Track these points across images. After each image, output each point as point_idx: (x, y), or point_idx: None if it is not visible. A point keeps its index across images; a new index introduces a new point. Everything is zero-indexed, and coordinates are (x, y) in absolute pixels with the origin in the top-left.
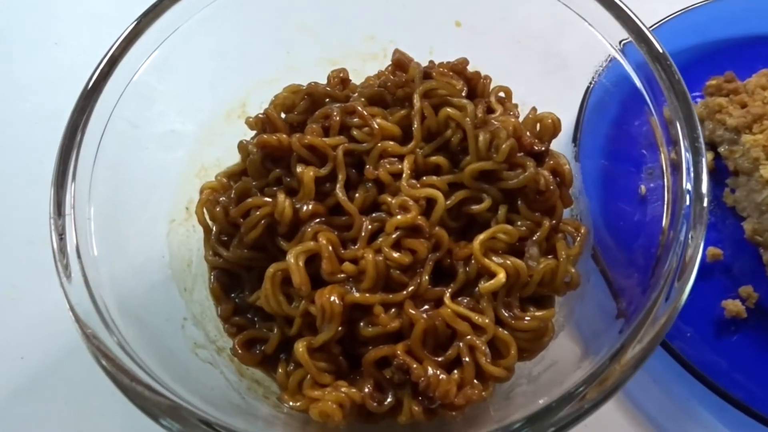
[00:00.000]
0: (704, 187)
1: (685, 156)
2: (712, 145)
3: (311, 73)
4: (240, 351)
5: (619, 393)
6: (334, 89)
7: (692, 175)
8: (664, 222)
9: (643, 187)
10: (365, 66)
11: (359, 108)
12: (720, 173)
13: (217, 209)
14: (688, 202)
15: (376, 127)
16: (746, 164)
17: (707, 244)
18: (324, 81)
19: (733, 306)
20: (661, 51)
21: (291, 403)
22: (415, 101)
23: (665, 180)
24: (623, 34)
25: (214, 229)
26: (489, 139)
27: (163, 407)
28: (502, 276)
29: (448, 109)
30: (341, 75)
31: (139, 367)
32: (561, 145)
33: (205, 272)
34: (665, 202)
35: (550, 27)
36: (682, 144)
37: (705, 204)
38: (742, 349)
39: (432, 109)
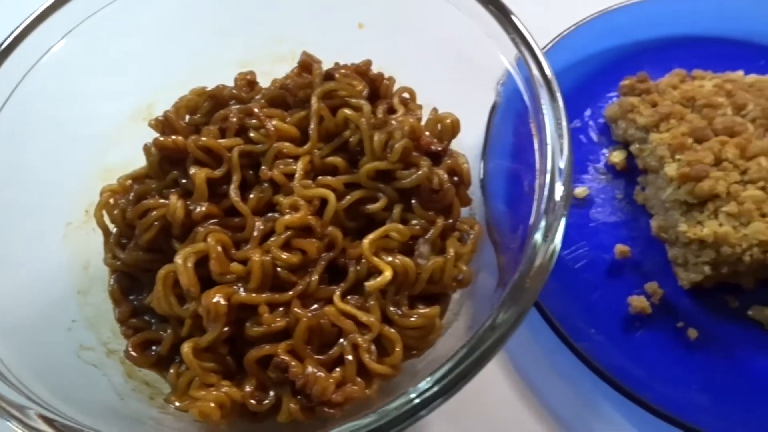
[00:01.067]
0: (564, 163)
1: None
2: (625, 144)
3: (221, 75)
4: (134, 353)
5: (526, 389)
6: (240, 91)
7: (553, 152)
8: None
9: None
10: (275, 68)
11: (256, 109)
12: (632, 172)
13: (116, 212)
14: (548, 180)
15: (272, 128)
16: (653, 162)
17: (617, 241)
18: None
19: (637, 302)
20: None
21: (177, 404)
22: (313, 103)
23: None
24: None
25: (114, 232)
26: (384, 140)
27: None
28: (388, 274)
29: (346, 110)
30: (248, 77)
31: None
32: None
33: (104, 275)
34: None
35: (459, 37)
36: (548, 129)
37: (563, 186)
38: (646, 345)
39: (329, 111)
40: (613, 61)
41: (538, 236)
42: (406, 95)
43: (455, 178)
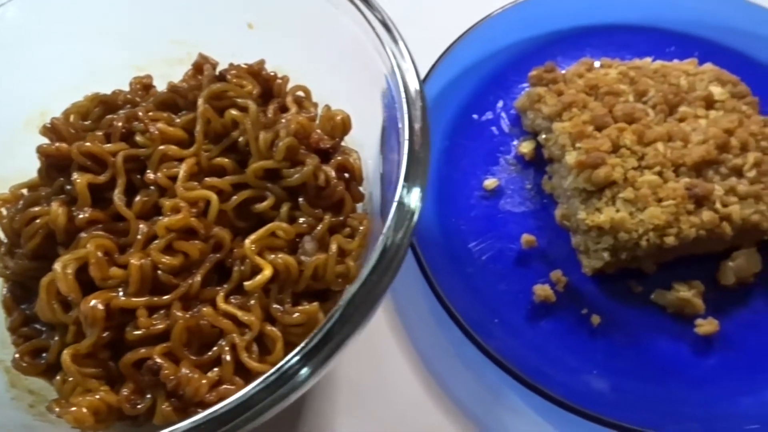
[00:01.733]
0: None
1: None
2: (534, 134)
3: (119, 79)
4: (23, 361)
5: (433, 382)
6: (135, 95)
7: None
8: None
9: None
10: (173, 70)
11: (140, 113)
12: (541, 161)
13: (5, 221)
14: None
15: (156, 132)
16: (557, 151)
17: (524, 231)
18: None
19: (541, 291)
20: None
21: (57, 410)
22: (199, 105)
23: None
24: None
25: (5, 241)
26: (270, 139)
27: None
28: (267, 272)
29: (232, 111)
30: (144, 81)
31: None
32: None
33: None
34: None
35: (344, 35)
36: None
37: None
38: (550, 333)
39: (214, 112)
40: (526, 52)
41: (388, 230)
42: (300, 93)
43: (346, 175)
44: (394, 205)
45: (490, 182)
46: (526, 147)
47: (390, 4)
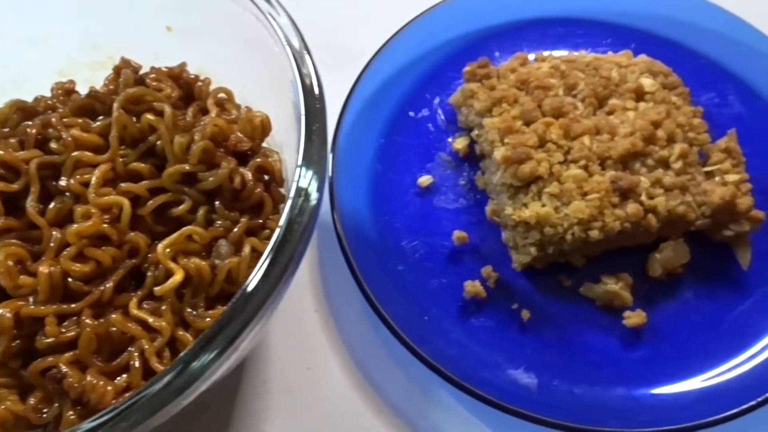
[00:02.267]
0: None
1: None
2: (469, 130)
3: (42, 84)
4: None
5: (363, 381)
6: (57, 101)
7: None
8: None
9: None
10: (96, 75)
11: (53, 120)
12: (475, 157)
13: None
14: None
15: (69, 138)
16: (487, 147)
17: (457, 228)
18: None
19: (471, 287)
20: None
21: None
22: (114, 110)
23: None
24: None
25: None
26: (186, 143)
27: None
28: (178, 277)
29: (148, 115)
30: (66, 86)
31: None
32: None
33: None
34: None
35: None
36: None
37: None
38: (480, 329)
39: (130, 117)
40: (463, 48)
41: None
42: (222, 96)
43: (266, 177)
44: (292, 188)
45: (424, 179)
46: (460, 143)
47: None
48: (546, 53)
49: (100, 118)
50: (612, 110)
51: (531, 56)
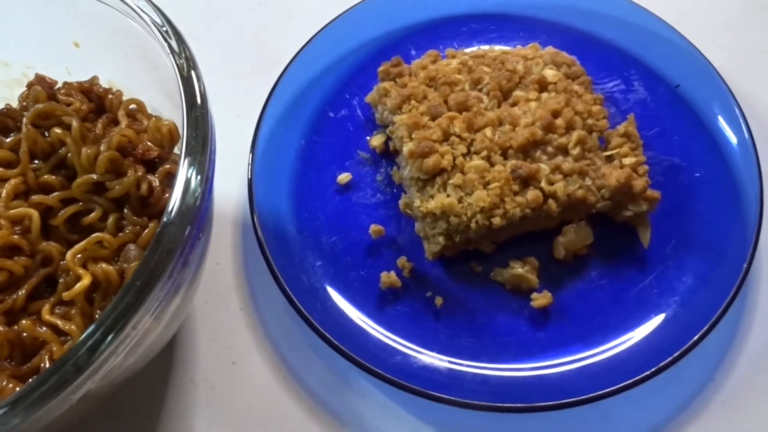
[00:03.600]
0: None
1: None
2: (384, 127)
3: None
4: None
5: (286, 373)
6: None
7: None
8: None
9: None
10: (13, 92)
11: None
12: (391, 153)
13: None
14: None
15: None
16: (398, 143)
17: (371, 221)
18: None
19: (386, 278)
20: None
21: None
22: (23, 125)
23: None
24: None
25: None
26: (93, 154)
27: None
28: (85, 281)
29: (56, 129)
30: None
31: None
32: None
33: None
34: None
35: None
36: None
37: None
38: (397, 317)
39: (38, 132)
40: (381, 48)
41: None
42: (133, 107)
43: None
44: (174, 186)
45: (343, 177)
46: (377, 140)
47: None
48: (455, 50)
49: (13, 134)
50: (516, 102)
51: (444, 53)
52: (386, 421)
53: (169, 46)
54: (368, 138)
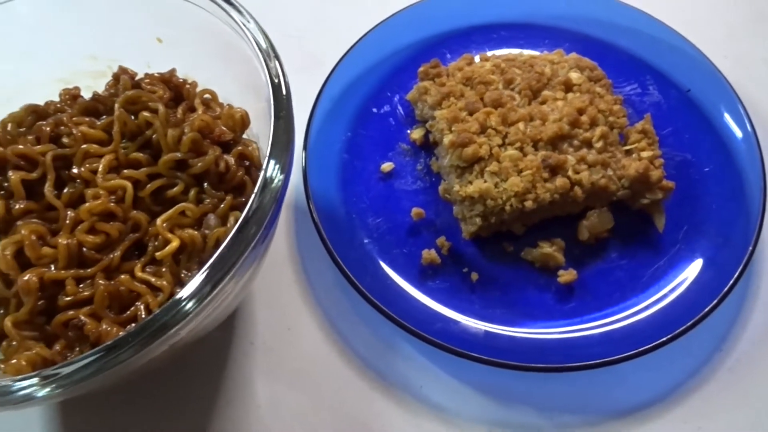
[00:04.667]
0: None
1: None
2: (423, 122)
3: (48, 92)
4: None
5: (336, 338)
6: (64, 105)
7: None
8: None
9: None
10: (96, 82)
11: (65, 119)
12: (429, 145)
13: None
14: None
15: (79, 133)
16: (438, 135)
17: (415, 206)
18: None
19: (427, 255)
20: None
21: (2, 366)
22: (115, 109)
23: None
24: None
25: None
26: (177, 135)
27: None
28: (174, 243)
29: (144, 113)
30: (72, 92)
31: None
32: None
33: None
34: None
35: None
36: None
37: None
38: (437, 290)
39: (129, 115)
40: (419, 51)
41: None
42: (207, 96)
43: (246, 163)
44: (261, 174)
45: (386, 166)
46: (416, 133)
47: (299, 12)
48: (490, 53)
49: (103, 117)
50: (544, 100)
51: (477, 57)
52: (427, 381)
53: (265, 59)
54: (408, 131)
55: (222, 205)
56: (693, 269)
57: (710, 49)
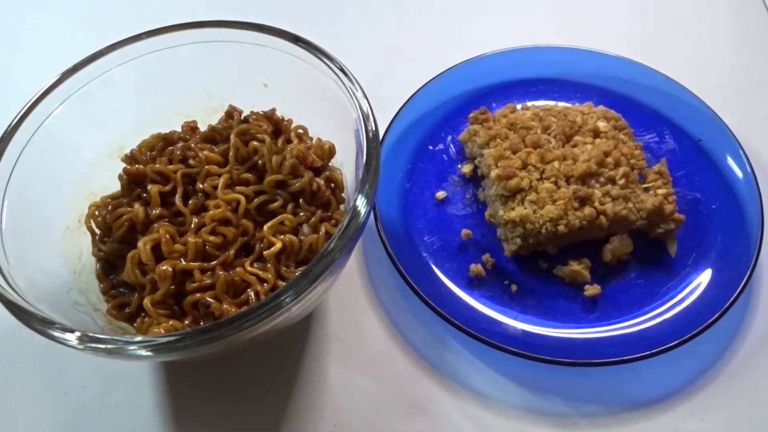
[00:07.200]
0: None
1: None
2: (472, 159)
3: (171, 124)
4: (113, 311)
5: (396, 334)
6: (186, 134)
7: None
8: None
9: None
10: (210, 117)
11: (192, 145)
12: (477, 178)
13: (99, 219)
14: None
15: (203, 156)
16: (486, 169)
17: (463, 227)
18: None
19: (474, 268)
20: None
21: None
22: (231, 138)
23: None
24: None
25: (98, 233)
26: (280, 160)
27: (37, 320)
28: (278, 245)
29: (254, 143)
30: (191, 124)
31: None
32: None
33: (92, 262)
34: None
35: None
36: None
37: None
38: (482, 298)
39: (242, 143)
40: (468, 99)
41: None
42: (300, 131)
43: (332, 185)
44: (351, 206)
45: (440, 194)
46: (466, 168)
47: (369, 64)
48: (530, 104)
49: (219, 144)
50: (576, 144)
51: (518, 106)
52: (472, 372)
53: (365, 120)
54: (459, 166)
55: (313, 218)
56: (700, 288)
57: (719, 106)
